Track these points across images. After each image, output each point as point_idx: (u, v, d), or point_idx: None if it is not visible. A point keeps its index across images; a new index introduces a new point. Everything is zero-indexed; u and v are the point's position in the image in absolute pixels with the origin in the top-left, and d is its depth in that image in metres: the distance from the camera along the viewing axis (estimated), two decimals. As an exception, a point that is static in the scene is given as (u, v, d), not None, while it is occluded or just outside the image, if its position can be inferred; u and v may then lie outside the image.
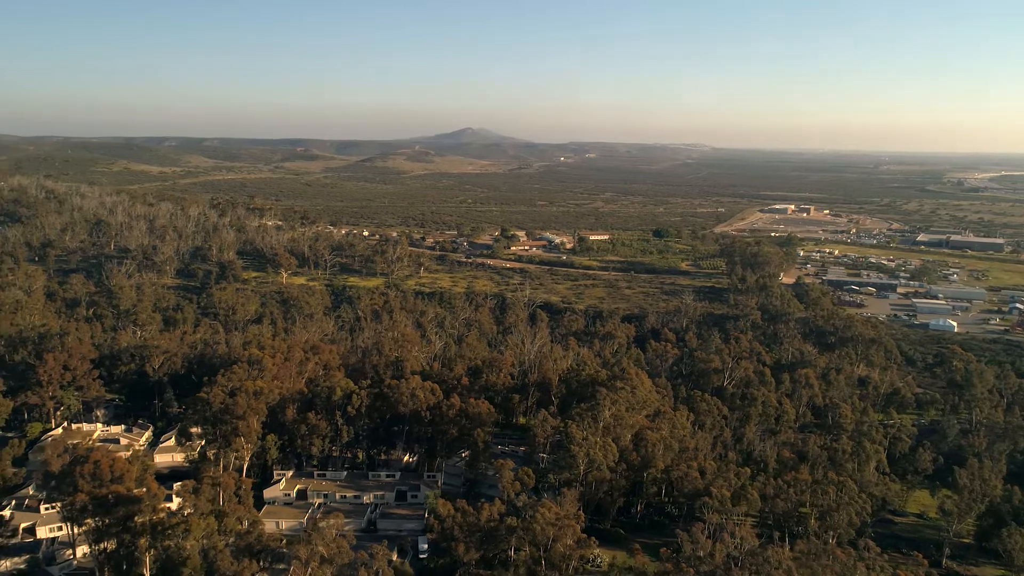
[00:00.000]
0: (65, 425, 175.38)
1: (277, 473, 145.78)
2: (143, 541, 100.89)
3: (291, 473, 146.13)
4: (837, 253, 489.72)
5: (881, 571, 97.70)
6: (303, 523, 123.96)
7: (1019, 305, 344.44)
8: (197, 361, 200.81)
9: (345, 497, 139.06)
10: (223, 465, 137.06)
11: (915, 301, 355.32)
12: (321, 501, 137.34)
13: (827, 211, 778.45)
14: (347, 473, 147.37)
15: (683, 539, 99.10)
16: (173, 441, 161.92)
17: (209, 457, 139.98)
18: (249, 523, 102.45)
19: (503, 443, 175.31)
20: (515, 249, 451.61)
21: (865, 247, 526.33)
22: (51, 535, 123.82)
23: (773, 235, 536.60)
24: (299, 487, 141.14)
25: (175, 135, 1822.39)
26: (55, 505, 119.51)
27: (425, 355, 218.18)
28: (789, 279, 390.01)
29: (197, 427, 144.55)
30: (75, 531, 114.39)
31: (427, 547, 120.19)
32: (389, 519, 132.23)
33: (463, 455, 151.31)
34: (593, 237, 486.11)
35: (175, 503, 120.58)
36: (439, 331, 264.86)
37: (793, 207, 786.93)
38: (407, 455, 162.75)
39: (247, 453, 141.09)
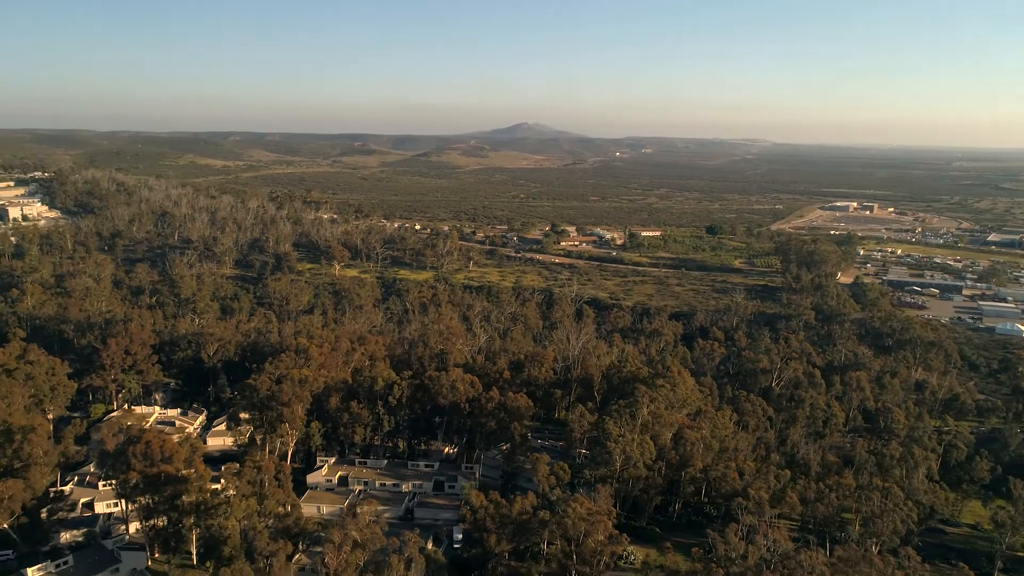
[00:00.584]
0: (126, 407, 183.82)
1: (320, 459, 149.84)
2: (189, 519, 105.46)
3: (333, 460, 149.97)
4: (900, 252, 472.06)
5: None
6: (343, 508, 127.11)
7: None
8: (250, 349, 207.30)
9: (384, 485, 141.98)
10: (269, 450, 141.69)
11: (981, 304, 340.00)
12: (361, 488, 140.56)
13: (892, 209, 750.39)
14: (387, 462, 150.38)
15: (714, 539, 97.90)
16: (224, 426, 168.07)
17: (256, 442, 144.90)
18: (288, 506, 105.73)
19: (543, 437, 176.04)
20: (565, 244, 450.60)
21: (931, 247, 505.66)
22: (107, 511, 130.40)
23: (832, 233, 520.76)
24: (340, 474, 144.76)
25: (239, 130, 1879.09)
26: (111, 482, 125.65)
27: (469, 348, 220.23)
28: (847, 279, 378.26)
29: (246, 412, 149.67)
30: (128, 508, 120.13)
31: (461, 537, 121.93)
32: (426, 508, 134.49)
33: (503, 448, 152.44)
34: (644, 233, 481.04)
35: (221, 485, 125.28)
36: (485, 325, 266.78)
37: (855, 205, 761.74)
38: (447, 446, 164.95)
39: (292, 439, 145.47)
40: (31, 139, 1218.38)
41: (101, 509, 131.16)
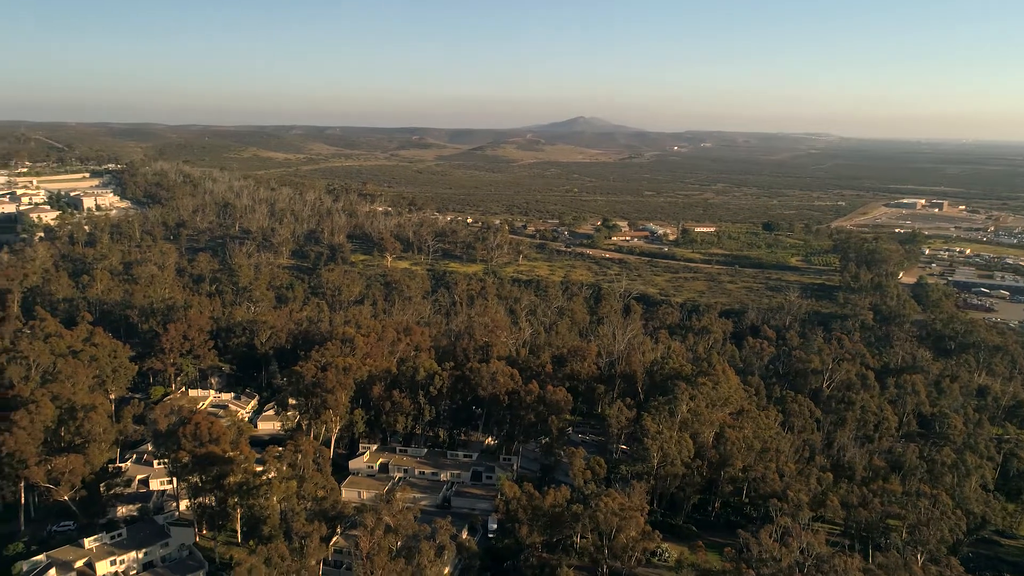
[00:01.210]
0: (183, 390, 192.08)
1: (362, 446, 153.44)
2: (233, 499, 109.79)
3: (375, 447, 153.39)
4: (969, 252, 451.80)
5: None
6: (382, 494, 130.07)
7: None
8: (301, 337, 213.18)
9: (423, 473, 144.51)
10: (313, 435, 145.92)
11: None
12: (401, 475, 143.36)
13: (963, 207, 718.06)
14: (427, 451, 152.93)
15: (745, 540, 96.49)
16: (273, 411, 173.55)
17: (302, 427, 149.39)
18: (326, 490, 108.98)
19: (584, 432, 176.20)
20: (616, 239, 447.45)
21: (1003, 247, 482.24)
22: (161, 488, 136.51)
23: (897, 231, 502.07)
24: (382, 460, 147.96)
25: (301, 123, 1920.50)
26: (164, 461, 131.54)
27: (514, 341, 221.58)
28: (910, 279, 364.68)
29: (293, 398, 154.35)
30: (179, 485, 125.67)
31: (496, 527, 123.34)
32: (463, 497, 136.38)
33: (542, 441, 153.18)
34: (698, 229, 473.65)
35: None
36: (531, 318, 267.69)
37: (924, 202, 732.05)
38: (489, 437, 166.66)
39: (336, 425, 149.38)
40: (107, 132, 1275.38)
41: (155, 486, 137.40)
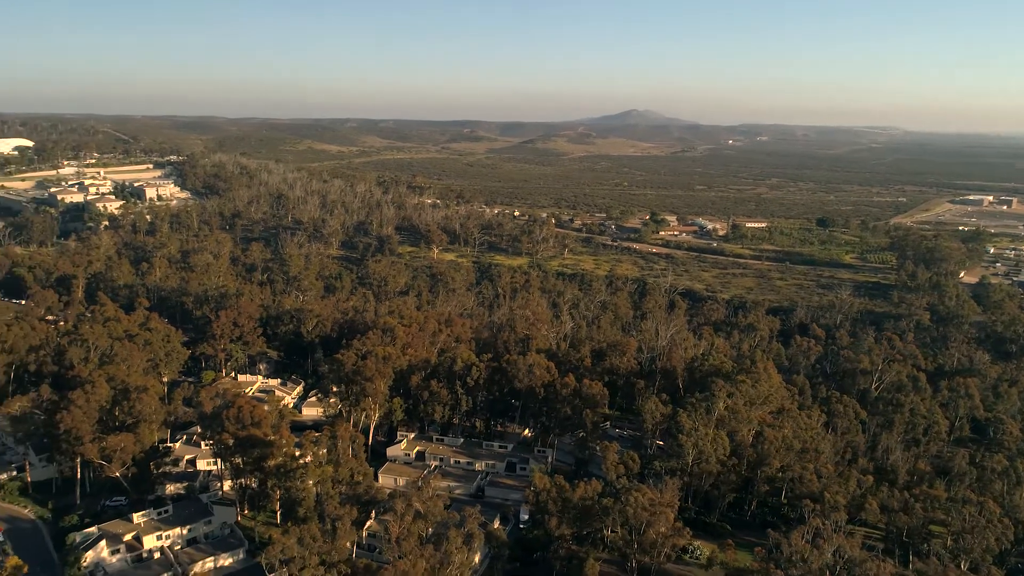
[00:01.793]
0: (232, 375, 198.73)
1: (400, 434, 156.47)
2: (272, 481, 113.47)
3: (413, 435, 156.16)
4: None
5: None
6: (416, 481, 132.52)
7: None
8: (347, 326, 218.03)
9: (459, 463, 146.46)
10: (353, 422, 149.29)
11: None
12: (437, 464, 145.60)
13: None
14: (463, 440, 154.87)
15: (774, 540, 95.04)
16: (316, 397, 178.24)
17: (342, 413, 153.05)
18: (361, 475, 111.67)
19: (622, 427, 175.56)
20: (663, 234, 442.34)
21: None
22: (207, 468, 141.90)
23: (960, 229, 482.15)
24: (419, 449, 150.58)
25: (356, 116, 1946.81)
26: (210, 442, 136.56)
27: (555, 334, 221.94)
28: (971, 278, 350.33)
29: (335, 385, 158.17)
30: (222, 466, 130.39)
31: (527, 518, 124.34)
32: (496, 487, 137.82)
33: (578, 434, 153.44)
34: (749, 224, 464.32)
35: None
36: (573, 312, 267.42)
37: (991, 199, 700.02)
38: (526, 429, 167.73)
39: (375, 413, 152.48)
40: (171, 125, 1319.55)
41: (202, 466, 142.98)
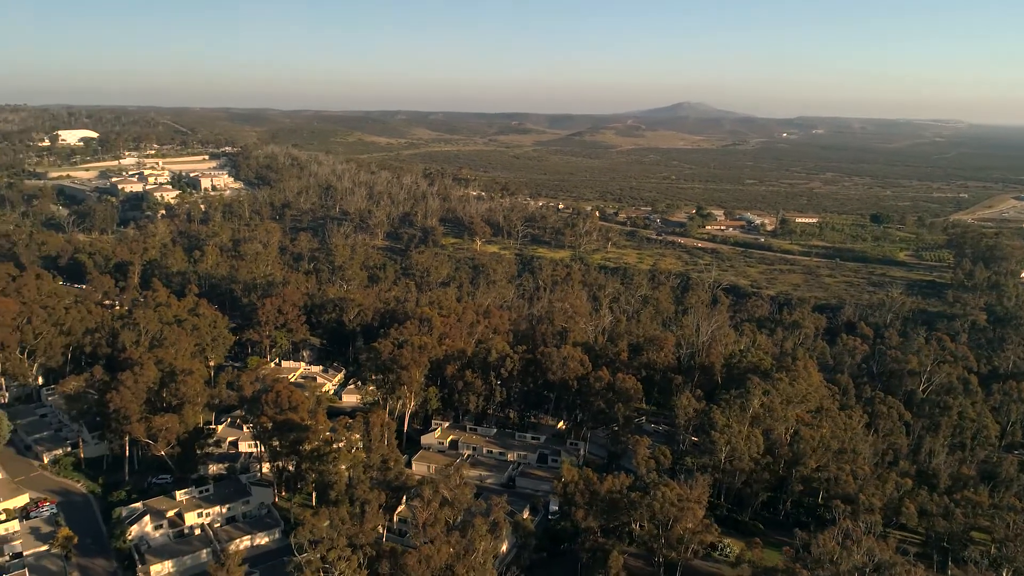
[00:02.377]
0: (276, 361, 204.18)
1: (435, 423, 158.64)
2: (306, 464, 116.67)
3: (447, 424, 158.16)
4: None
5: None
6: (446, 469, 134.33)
7: None
8: (388, 315, 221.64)
9: (491, 452, 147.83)
10: (389, 409, 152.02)
11: None
12: (469, 453, 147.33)
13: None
14: (497, 431, 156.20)
15: (802, 540, 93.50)
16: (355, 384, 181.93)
17: (379, 401, 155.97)
18: (392, 461, 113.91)
19: (657, 422, 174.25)
20: (709, 228, 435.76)
21: None
22: (248, 450, 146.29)
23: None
24: (452, 438, 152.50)
25: (406, 109, 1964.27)
26: (251, 425, 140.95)
27: (593, 328, 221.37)
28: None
29: (372, 373, 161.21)
30: (261, 449, 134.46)
31: (557, 509, 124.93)
32: (527, 478, 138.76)
33: (611, 428, 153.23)
34: (799, 220, 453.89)
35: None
36: (613, 306, 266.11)
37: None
38: (560, 421, 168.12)
39: (410, 401, 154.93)
40: (226, 117, 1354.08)
41: (244, 448, 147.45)
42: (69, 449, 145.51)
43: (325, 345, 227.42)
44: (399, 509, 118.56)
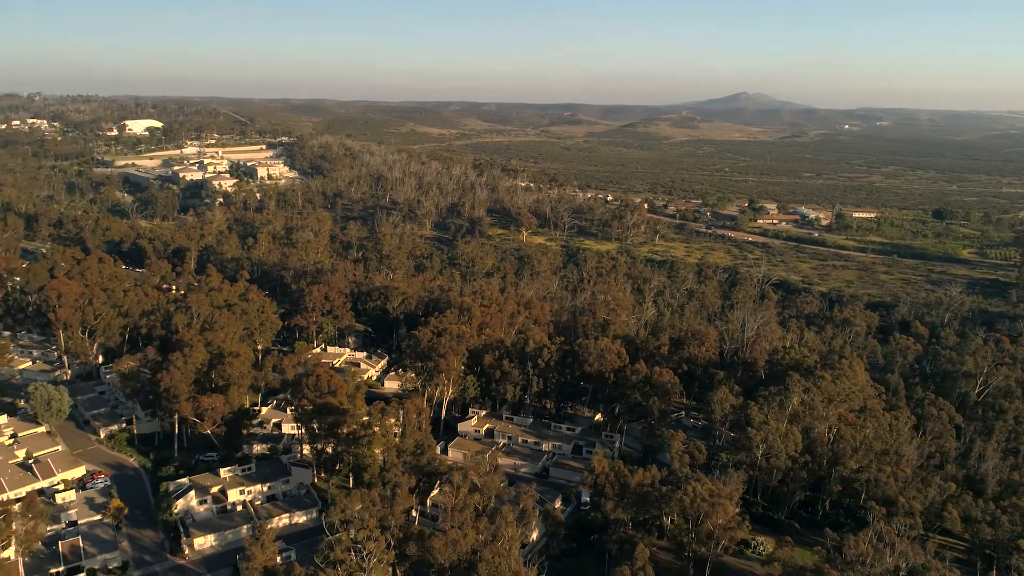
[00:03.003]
0: (322, 346, 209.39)
1: (472, 411, 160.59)
2: (343, 447, 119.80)
3: (484, 413, 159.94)
4: None
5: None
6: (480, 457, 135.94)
7: None
8: (432, 304, 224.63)
9: (526, 442, 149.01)
10: (427, 396, 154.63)
11: None
12: (505, 442, 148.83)
13: None
14: (533, 421, 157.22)
15: (833, 540, 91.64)
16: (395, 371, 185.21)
17: (418, 388, 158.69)
18: (425, 446, 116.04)
19: (697, 417, 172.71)
20: (761, 222, 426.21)
21: None
22: (291, 431, 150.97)
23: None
24: (488, 426, 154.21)
25: (459, 100, 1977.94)
26: (293, 407, 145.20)
27: (635, 321, 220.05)
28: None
29: (412, 360, 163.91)
30: (302, 431, 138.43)
31: (588, 500, 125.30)
32: (561, 469, 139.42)
33: (649, 421, 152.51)
34: (856, 214, 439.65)
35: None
36: (658, 300, 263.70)
37: None
38: (597, 413, 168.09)
39: (448, 388, 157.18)
40: (285, 108, 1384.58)
41: (287, 430, 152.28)
42: (124, 425, 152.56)
43: (370, 332, 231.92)
44: (432, 493, 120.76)
